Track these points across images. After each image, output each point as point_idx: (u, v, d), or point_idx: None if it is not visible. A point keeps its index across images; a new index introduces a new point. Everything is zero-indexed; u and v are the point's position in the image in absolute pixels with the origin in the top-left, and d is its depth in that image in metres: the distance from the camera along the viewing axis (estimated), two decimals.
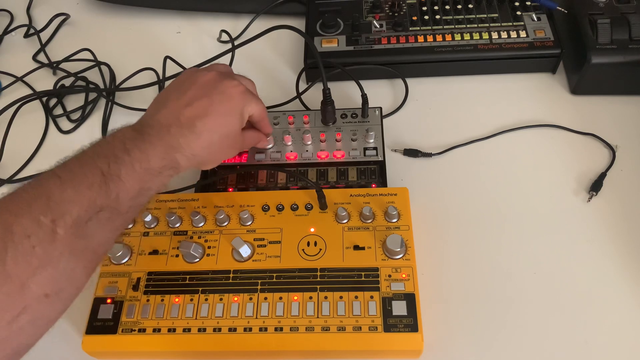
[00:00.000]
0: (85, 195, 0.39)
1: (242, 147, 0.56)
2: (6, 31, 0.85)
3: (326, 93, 0.61)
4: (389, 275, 0.50)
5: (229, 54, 0.72)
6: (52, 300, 0.37)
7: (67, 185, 0.39)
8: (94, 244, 0.40)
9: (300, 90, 0.71)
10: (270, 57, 0.77)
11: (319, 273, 0.51)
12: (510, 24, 0.70)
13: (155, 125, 0.46)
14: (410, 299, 0.48)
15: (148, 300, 0.50)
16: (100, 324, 0.50)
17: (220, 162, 0.54)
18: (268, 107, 0.69)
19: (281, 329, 0.48)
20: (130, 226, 0.55)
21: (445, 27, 0.71)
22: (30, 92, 0.75)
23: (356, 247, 0.52)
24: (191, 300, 0.50)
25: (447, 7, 0.72)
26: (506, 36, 0.69)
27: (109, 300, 0.51)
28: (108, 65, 0.78)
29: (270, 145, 0.62)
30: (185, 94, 0.49)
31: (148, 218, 0.54)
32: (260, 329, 0.48)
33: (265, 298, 0.50)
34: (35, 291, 0.36)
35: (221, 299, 0.50)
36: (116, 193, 0.40)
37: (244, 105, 0.51)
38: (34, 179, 0.40)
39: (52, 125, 0.73)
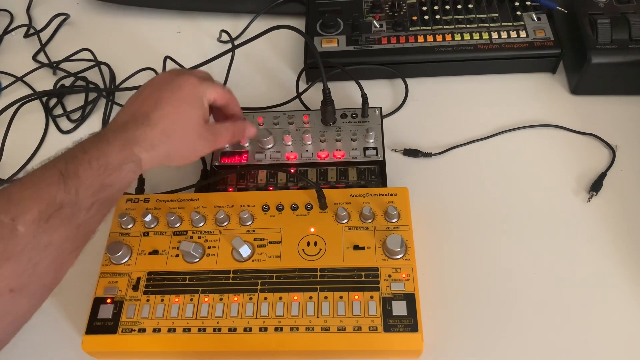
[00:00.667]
0: (45, 193, 0.40)
1: (217, 139, 0.54)
2: (6, 31, 0.85)
3: (326, 93, 0.61)
4: (389, 275, 0.50)
5: (229, 54, 0.72)
6: (17, 296, 0.39)
7: (27, 185, 0.41)
8: (58, 241, 0.41)
9: (300, 90, 0.71)
10: (270, 57, 0.77)
11: (319, 273, 0.51)
12: (510, 24, 0.70)
13: (112, 127, 0.48)
14: (410, 299, 0.48)
15: (148, 300, 0.50)
16: (100, 324, 0.50)
17: (194, 157, 0.52)
18: (268, 107, 0.69)
19: (281, 329, 0.48)
20: (130, 226, 0.55)
21: (445, 27, 0.71)
22: (30, 92, 0.75)
23: (356, 247, 0.52)
24: (191, 300, 0.50)
25: (447, 7, 0.72)
26: (506, 36, 0.69)
27: (109, 300, 0.51)
28: (108, 65, 0.78)
29: (270, 145, 0.62)
30: (140, 96, 0.51)
31: (148, 218, 0.54)
32: (260, 329, 0.48)
33: (265, 298, 0.50)
34: None
35: (221, 299, 0.50)
36: (75, 189, 0.41)
37: (197, 92, 0.51)
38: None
39: (52, 125, 0.73)
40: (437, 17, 0.72)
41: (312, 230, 0.53)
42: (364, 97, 0.62)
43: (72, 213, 0.41)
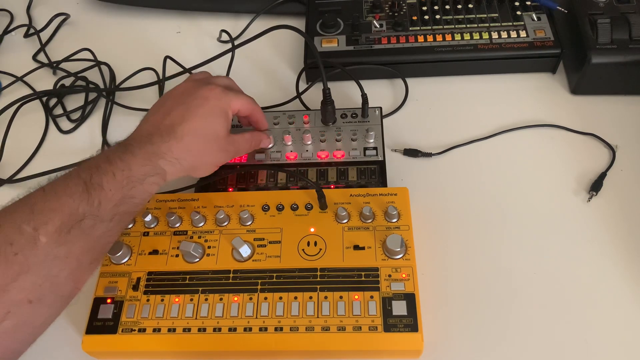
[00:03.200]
0: (67, 204, 0.40)
1: (238, 150, 0.55)
2: (6, 31, 0.85)
3: (326, 93, 0.61)
4: (389, 275, 0.50)
5: (229, 54, 0.72)
6: (36, 306, 0.39)
7: (50, 195, 0.41)
8: (77, 252, 0.40)
9: (300, 90, 0.71)
10: (270, 57, 0.77)
11: (319, 273, 0.51)
12: (510, 23, 0.70)
13: (137, 137, 0.48)
14: (410, 299, 0.48)
15: (148, 300, 0.50)
16: (100, 324, 0.50)
17: (215, 167, 0.54)
18: (268, 107, 0.69)
19: (281, 329, 0.48)
20: (130, 226, 0.55)
21: (445, 27, 0.71)
22: (30, 92, 0.75)
23: (356, 247, 0.52)
24: (191, 300, 0.50)
25: (447, 7, 0.72)
26: (506, 36, 0.69)
27: (109, 300, 0.51)
28: (108, 65, 0.78)
29: (270, 145, 0.62)
30: (163, 106, 0.51)
31: (148, 218, 0.54)
32: (260, 329, 0.48)
33: (265, 298, 0.50)
34: (17, 296, 0.37)
35: (221, 299, 0.50)
36: (98, 201, 0.41)
37: (222, 104, 0.51)
38: (24, 194, 0.42)
39: (52, 125, 0.73)
40: (437, 17, 0.72)
41: (312, 230, 0.53)
42: (364, 97, 0.62)
43: (93, 225, 0.41)
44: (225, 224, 0.55)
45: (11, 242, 0.38)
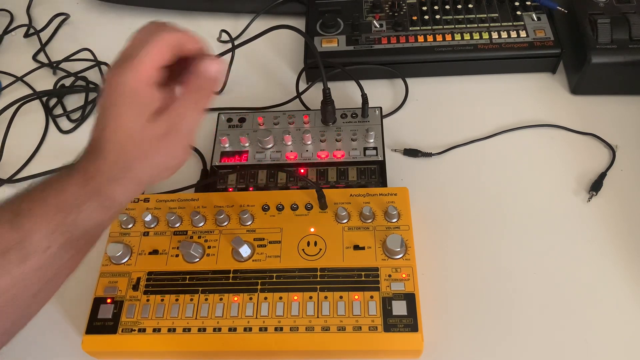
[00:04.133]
0: None
1: (179, 126, 0.38)
2: (6, 31, 0.85)
3: (326, 93, 0.61)
4: (389, 275, 0.50)
5: (229, 54, 0.72)
6: None
7: None
8: (6, 286, 0.36)
9: (300, 90, 0.71)
10: (270, 57, 0.77)
11: (319, 273, 0.51)
12: (510, 23, 0.70)
13: (79, 156, 0.40)
14: (410, 299, 0.48)
15: (148, 300, 0.50)
16: (100, 323, 0.50)
17: (173, 163, 0.41)
18: (268, 107, 0.69)
19: (281, 329, 0.48)
20: (130, 226, 0.55)
21: (445, 27, 0.71)
22: (30, 92, 0.75)
23: (356, 247, 0.52)
24: (191, 300, 0.50)
25: (447, 7, 0.72)
26: (506, 36, 0.69)
27: (109, 300, 0.51)
28: (108, 65, 0.78)
29: (270, 145, 0.61)
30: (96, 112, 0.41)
31: (148, 218, 0.54)
32: (260, 329, 0.48)
33: (265, 298, 0.50)
34: None
35: (221, 299, 0.50)
36: (24, 230, 0.37)
37: (123, 83, 0.37)
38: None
39: (52, 125, 0.73)
40: (437, 17, 0.72)
41: (312, 230, 0.53)
42: (364, 97, 0.62)
43: (19, 257, 0.36)
44: (225, 224, 0.55)
45: None
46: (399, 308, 0.48)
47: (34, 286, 0.38)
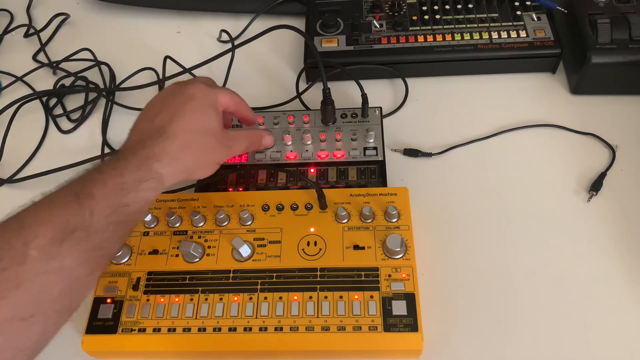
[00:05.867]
0: (58, 216, 0.39)
1: (236, 147, 0.54)
2: (6, 31, 0.85)
3: (326, 93, 0.61)
4: (389, 275, 0.50)
5: (229, 54, 0.72)
6: (28, 324, 0.37)
7: (41, 208, 0.40)
8: (72, 265, 0.39)
9: (300, 90, 0.71)
10: (270, 57, 0.77)
11: (319, 273, 0.51)
12: (510, 23, 0.70)
13: (128, 146, 0.47)
14: (410, 299, 0.48)
15: (148, 300, 0.50)
16: (100, 323, 0.50)
17: (214, 166, 0.52)
18: (268, 107, 0.69)
19: (281, 329, 0.48)
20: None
21: (445, 26, 0.71)
22: (30, 92, 0.75)
23: (356, 247, 0.52)
24: (191, 300, 0.50)
25: (447, 6, 0.72)
26: (506, 36, 0.69)
27: (109, 300, 0.51)
28: (108, 65, 0.78)
29: (272, 145, 0.62)
30: (150, 112, 0.50)
31: (148, 218, 0.54)
32: (260, 329, 0.48)
33: (265, 298, 0.50)
34: (7, 314, 0.36)
35: (221, 299, 0.50)
36: (90, 211, 0.40)
37: (209, 98, 0.50)
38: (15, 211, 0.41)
39: (52, 125, 0.73)
40: (437, 17, 0.72)
41: (312, 230, 0.53)
42: (364, 97, 0.62)
43: (86, 236, 0.40)
44: (225, 224, 0.55)
45: (1, 258, 0.36)
46: (399, 308, 0.48)
47: (92, 265, 0.41)
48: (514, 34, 0.69)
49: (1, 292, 0.36)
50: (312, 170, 0.60)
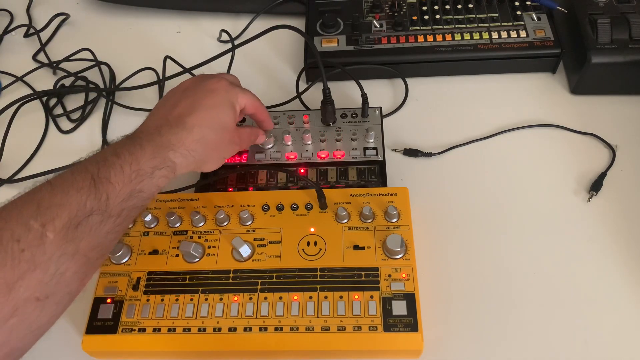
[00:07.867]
0: (75, 199, 0.39)
1: (241, 144, 0.55)
2: (6, 31, 0.85)
3: (326, 93, 0.61)
4: (389, 275, 0.50)
5: (229, 54, 0.72)
6: (43, 304, 0.38)
7: (57, 190, 0.40)
8: (85, 248, 0.40)
9: (300, 90, 0.71)
10: (270, 57, 0.77)
11: (319, 273, 0.51)
12: (510, 23, 0.70)
13: (144, 131, 0.47)
14: (410, 299, 0.48)
15: (148, 300, 0.50)
16: (100, 323, 0.50)
17: (223, 160, 0.53)
18: (268, 107, 0.69)
19: (281, 329, 0.48)
20: (130, 226, 0.55)
21: (445, 27, 0.71)
22: (30, 92, 0.75)
23: (356, 247, 0.52)
24: (191, 300, 0.50)
25: (447, 6, 0.72)
26: (506, 36, 0.69)
27: (109, 300, 0.51)
28: (108, 65, 0.78)
29: (270, 145, 0.62)
30: (170, 100, 0.50)
31: (148, 218, 0.54)
32: (260, 329, 0.48)
33: (265, 298, 0.50)
34: (24, 294, 0.37)
35: (221, 299, 0.50)
36: (106, 195, 0.41)
37: (230, 96, 0.51)
38: (29, 189, 0.41)
39: (52, 125, 0.73)
40: (437, 16, 0.72)
41: (312, 230, 0.53)
42: (364, 97, 0.62)
43: (101, 220, 0.40)
44: (225, 224, 0.55)
45: (18, 239, 0.37)
46: (399, 308, 0.48)
47: (103, 249, 0.42)
48: (514, 34, 0.69)
49: (20, 273, 0.36)
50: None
